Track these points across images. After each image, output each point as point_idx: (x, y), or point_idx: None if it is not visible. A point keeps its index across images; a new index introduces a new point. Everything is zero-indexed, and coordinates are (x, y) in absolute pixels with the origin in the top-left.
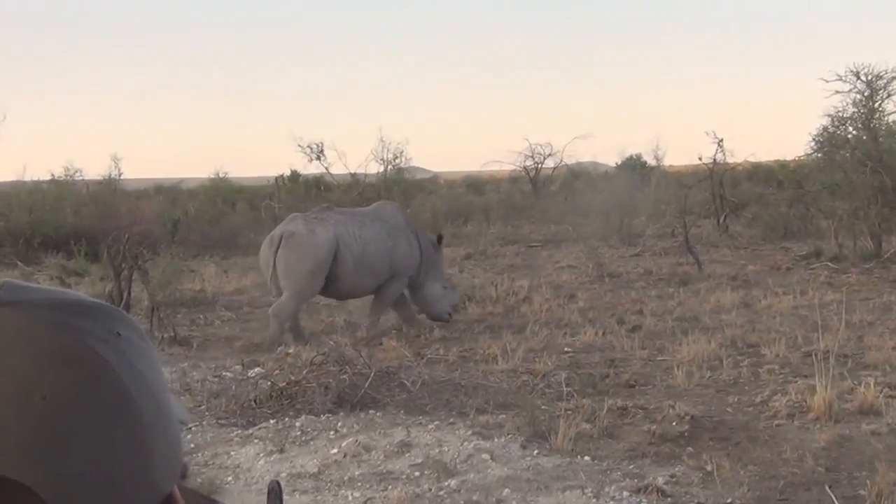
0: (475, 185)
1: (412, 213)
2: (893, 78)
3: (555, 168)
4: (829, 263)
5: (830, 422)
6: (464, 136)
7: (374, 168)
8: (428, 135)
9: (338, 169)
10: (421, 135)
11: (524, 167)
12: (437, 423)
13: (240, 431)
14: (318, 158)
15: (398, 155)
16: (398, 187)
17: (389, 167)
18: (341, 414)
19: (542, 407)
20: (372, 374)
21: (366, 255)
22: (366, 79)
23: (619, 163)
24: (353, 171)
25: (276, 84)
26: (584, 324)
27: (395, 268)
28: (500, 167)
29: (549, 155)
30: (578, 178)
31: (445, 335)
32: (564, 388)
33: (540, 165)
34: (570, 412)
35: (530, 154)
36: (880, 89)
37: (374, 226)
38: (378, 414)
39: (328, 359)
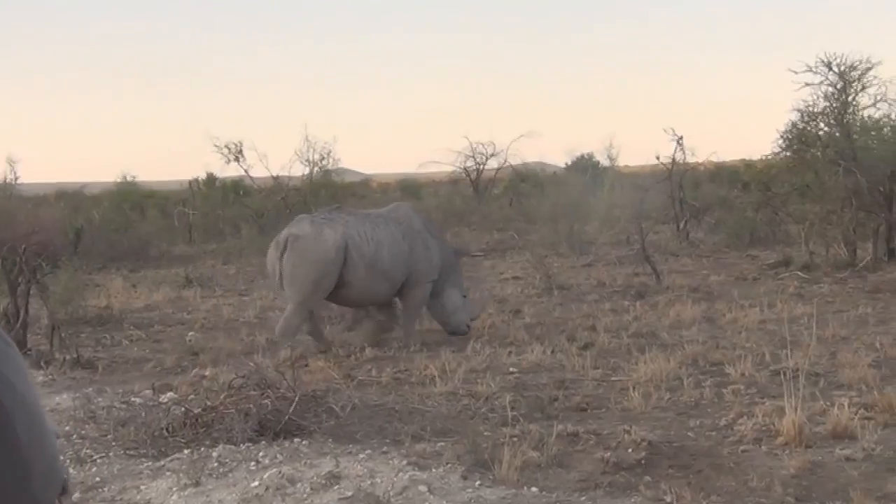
0: (411, 188)
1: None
2: (868, 68)
3: (498, 169)
4: (800, 273)
5: (801, 447)
6: (399, 134)
7: (299, 170)
8: (359, 133)
9: (259, 171)
10: (351, 133)
11: (465, 168)
12: (368, 451)
13: (150, 463)
14: (237, 160)
15: (325, 155)
16: (326, 191)
17: (316, 169)
18: (263, 443)
19: (485, 433)
20: (297, 399)
21: (379, 258)
22: (290, 72)
23: (569, 163)
24: (275, 174)
25: (191, 78)
26: (530, 341)
27: (412, 273)
28: (438, 168)
29: (492, 155)
30: (524, 179)
31: (378, 355)
32: (509, 413)
33: (482, 166)
34: (515, 439)
35: (471, 154)
36: (854, 81)
37: (389, 227)
38: (304, 442)
39: (248, 382)
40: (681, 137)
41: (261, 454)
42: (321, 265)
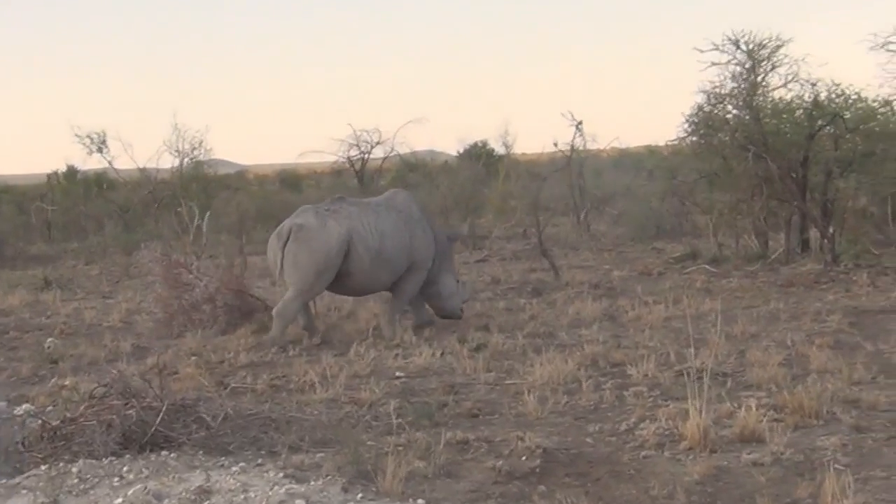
0: (291, 180)
1: (216, 213)
2: (778, 46)
3: (385, 158)
4: (708, 266)
5: (706, 451)
6: (277, 122)
7: (168, 161)
8: (234, 122)
9: (124, 163)
10: (225, 122)
11: (348, 158)
12: (242, 464)
13: (4, 481)
14: (100, 151)
15: (197, 146)
16: (197, 184)
17: (186, 160)
18: (127, 456)
19: (368, 442)
20: (164, 408)
21: (384, 248)
22: (157, 54)
23: (461, 151)
24: (142, 166)
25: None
26: (418, 343)
27: (413, 260)
28: (319, 158)
29: (378, 143)
30: (413, 169)
31: (254, 360)
32: (395, 420)
33: (367, 155)
34: (400, 448)
35: (355, 142)
36: (763, 60)
37: (391, 216)
38: (172, 455)
39: (111, 391)
40: (580, 122)
41: (125, 469)
42: (324, 256)
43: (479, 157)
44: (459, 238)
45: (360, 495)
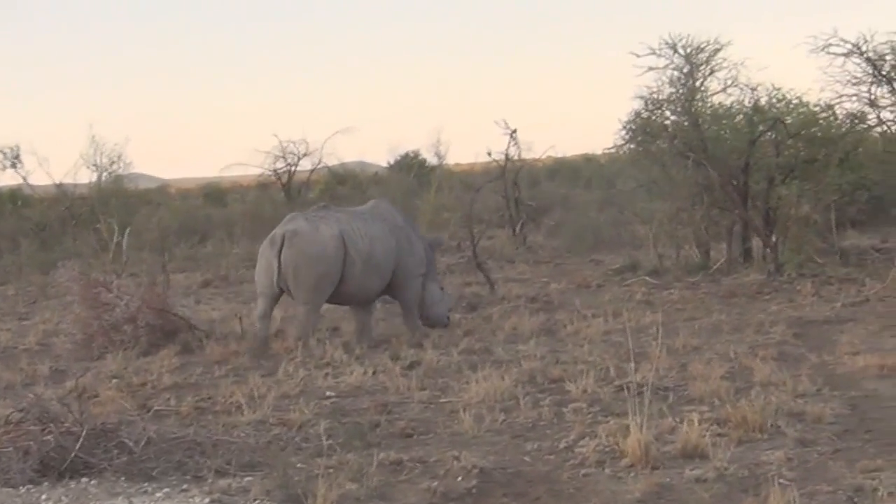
0: (215, 194)
1: (137, 229)
2: (717, 50)
3: (313, 170)
4: (648, 278)
5: (647, 468)
6: (199, 134)
7: (86, 176)
8: (154, 133)
9: (39, 178)
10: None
11: (275, 170)
12: (166, 490)
13: None
14: (14, 166)
15: (115, 159)
16: (117, 200)
17: (105, 175)
18: (45, 484)
19: (298, 465)
20: (84, 434)
21: (373, 253)
22: (72, 63)
23: (392, 162)
24: (58, 182)
25: None
26: (349, 362)
27: (400, 268)
28: (244, 171)
29: (306, 154)
30: (342, 181)
31: (178, 381)
32: (325, 442)
33: (294, 168)
34: (331, 470)
35: (281, 154)
36: (701, 64)
37: (377, 223)
38: (92, 482)
39: (28, 416)
40: (514, 130)
41: (43, 497)
42: (321, 260)
43: (411, 168)
44: (441, 245)
45: None
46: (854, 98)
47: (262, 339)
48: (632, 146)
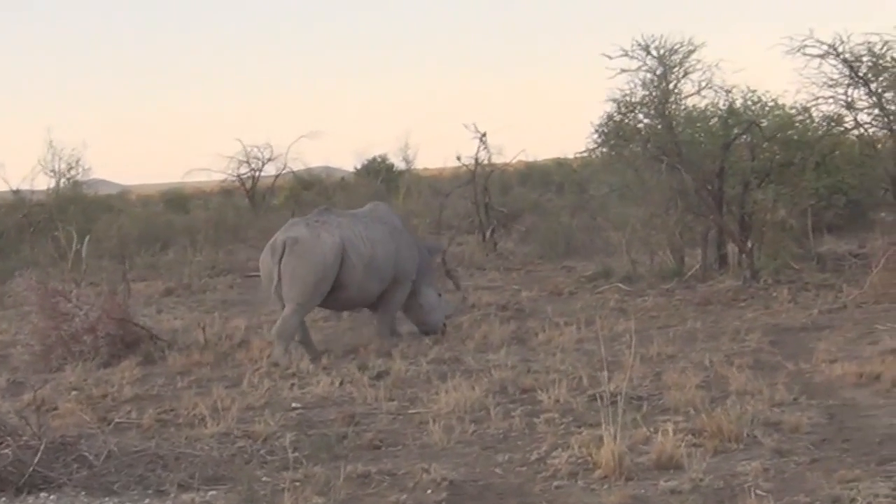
0: (177, 200)
1: (97, 236)
2: (691, 51)
3: (277, 176)
4: (621, 285)
5: (621, 480)
6: (161, 138)
7: (44, 182)
8: (114, 138)
9: None
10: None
11: (238, 176)
12: None
13: None
14: None
15: (74, 165)
16: (75, 206)
17: (63, 181)
18: (3, 499)
19: (263, 478)
20: (42, 447)
21: (374, 257)
22: (29, 66)
23: (359, 167)
24: (15, 188)
25: None
26: (316, 372)
27: (398, 272)
28: (207, 177)
29: (270, 159)
30: (308, 187)
31: (139, 393)
32: (291, 454)
33: (258, 173)
34: (297, 484)
35: (245, 159)
36: (675, 66)
37: (377, 227)
38: (51, 497)
39: None
40: (484, 134)
41: None
42: (320, 267)
43: (378, 173)
44: (441, 251)
45: None
46: (830, 100)
47: (304, 343)
48: (604, 150)
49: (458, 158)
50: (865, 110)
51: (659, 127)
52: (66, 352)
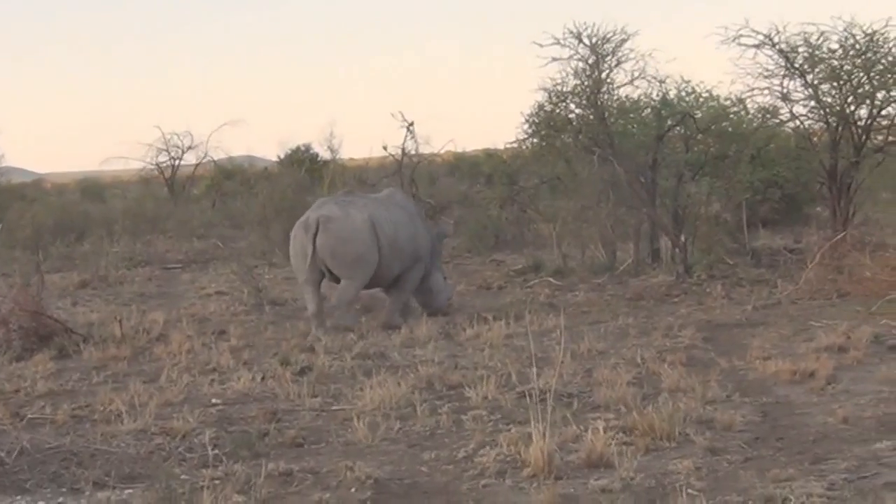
0: (93, 189)
1: (9, 226)
2: (623, 40)
3: (198, 165)
4: (552, 279)
5: (550, 478)
6: (77, 125)
7: None
8: (28, 125)
9: None
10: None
11: (157, 164)
12: (41, 503)
13: None
14: None
15: None
16: None
17: None
18: None
19: (182, 476)
20: None
21: (397, 238)
22: None
23: (282, 156)
24: None
25: None
26: (237, 367)
27: (416, 254)
28: (125, 165)
29: (191, 148)
30: (230, 177)
31: (53, 388)
32: (210, 452)
33: (178, 161)
34: (217, 482)
35: (164, 147)
36: (608, 55)
37: (397, 210)
38: None
39: None
40: (411, 124)
41: None
42: (358, 242)
43: (302, 163)
44: (448, 235)
45: None
46: (766, 91)
47: (315, 314)
48: (535, 141)
49: (385, 148)
50: (801, 102)
51: (591, 117)
52: None
